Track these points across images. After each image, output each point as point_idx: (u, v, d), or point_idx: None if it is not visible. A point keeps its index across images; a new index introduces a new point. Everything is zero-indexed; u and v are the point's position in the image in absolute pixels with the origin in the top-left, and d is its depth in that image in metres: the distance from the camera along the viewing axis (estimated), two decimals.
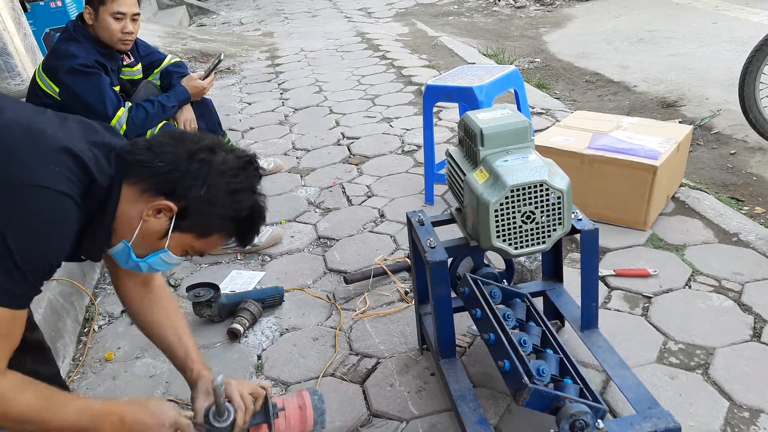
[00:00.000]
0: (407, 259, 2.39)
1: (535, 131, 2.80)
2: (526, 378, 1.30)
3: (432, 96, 2.72)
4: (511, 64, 4.95)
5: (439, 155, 2.97)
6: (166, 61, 2.87)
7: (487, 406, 1.69)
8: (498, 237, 1.44)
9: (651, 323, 1.96)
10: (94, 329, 2.26)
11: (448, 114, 3.98)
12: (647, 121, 2.92)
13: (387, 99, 4.51)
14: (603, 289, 2.12)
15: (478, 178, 1.47)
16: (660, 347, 1.85)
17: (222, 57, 3.08)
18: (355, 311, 2.18)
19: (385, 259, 2.44)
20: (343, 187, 3.18)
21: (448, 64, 5.12)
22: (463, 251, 1.70)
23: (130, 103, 2.55)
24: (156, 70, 2.84)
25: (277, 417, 1.41)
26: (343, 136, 3.88)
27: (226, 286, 2.39)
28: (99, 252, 1.26)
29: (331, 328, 2.13)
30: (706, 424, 1.57)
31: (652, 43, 5.60)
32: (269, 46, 6.71)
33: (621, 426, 1.34)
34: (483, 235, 1.45)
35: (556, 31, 6.58)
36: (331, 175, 3.34)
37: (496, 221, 1.42)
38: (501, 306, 1.61)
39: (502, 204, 1.40)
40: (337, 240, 2.69)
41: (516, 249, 1.46)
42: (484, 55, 5.53)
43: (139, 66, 2.77)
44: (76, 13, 3.81)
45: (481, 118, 1.54)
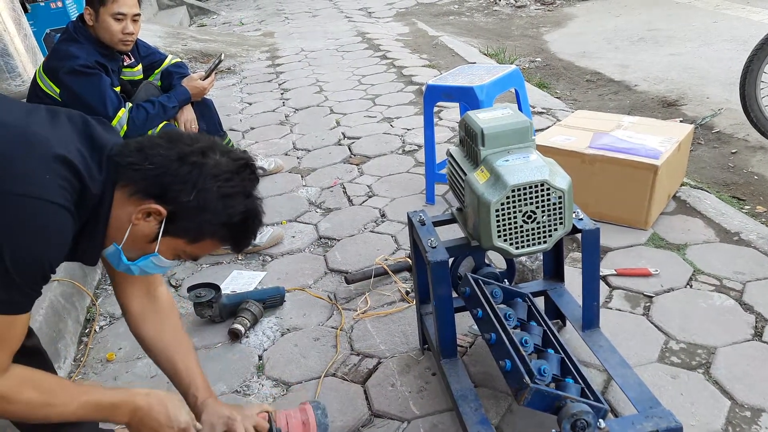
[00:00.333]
0: (408, 259, 2.39)
1: (536, 131, 2.80)
2: (527, 378, 1.30)
3: (433, 96, 2.72)
4: (511, 63, 4.95)
5: (440, 155, 2.97)
6: (167, 62, 2.87)
7: (489, 406, 1.69)
8: (499, 237, 1.44)
9: (652, 323, 1.95)
10: (95, 330, 2.26)
11: (449, 114, 3.98)
12: (648, 120, 2.92)
13: (387, 99, 4.50)
14: (604, 289, 2.12)
15: (479, 178, 1.47)
16: (661, 347, 1.85)
17: (222, 57, 3.08)
18: (356, 311, 2.18)
19: (386, 259, 2.44)
20: (343, 187, 3.18)
21: (448, 64, 5.12)
22: (464, 251, 1.70)
23: (131, 104, 2.55)
24: (156, 71, 2.85)
25: None
26: (344, 136, 3.88)
27: (227, 286, 2.39)
28: (94, 256, 1.25)
29: (332, 328, 2.13)
30: (708, 424, 1.57)
31: (653, 42, 5.60)
32: (270, 47, 6.72)
33: (622, 425, 1.34)
34: (484, 235, 1.45)
35: (556, 30, 6.58)
36: (331, 175, 3.34)
37: (497, 221, 1.42)
38: (502, 306, 1.61)
39: (503, 204, 1.40)
40: (338, 240, 2.69)
41: (517, 249, 1.46)
42: (485, 54, 5.53)
43: (139, 67, 2.77)
44: (77, 14, 3.82)
45: (481, 117, 1.54)
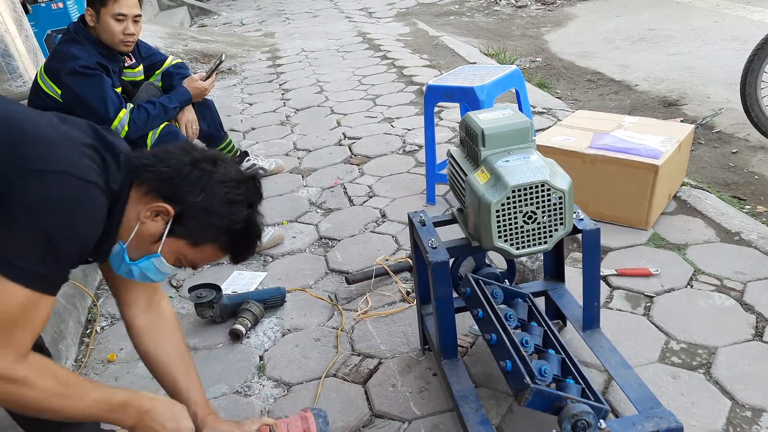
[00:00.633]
0: (409, 260, 2.39)
1: (537, 131, 2.80)
2: (527, 378, 1.30)
3: (433, 96, 2.72)
4: (512, 63, 4.95)
5: (441, 155, 2.98)
6: (168, 63, 2.88)
7: (489, 406, 1.69)
8: (499, 237, 1.44)
9: (653, 323, 1.95)
10: (97, 331, 2.26)
11: (450, 114, 3.98)
12: (649, 120, 2.92)
13: (388, 99, 4.51)
14: (605, 289, 2.12)
15: (479, 179, 1.47)
16: (662, 347, 1.85)
17: (223, 58, 3.09)
18: (357, 312, 2.19)
19: (386, 260, 2.44)
20: (344, 188, 3.18)
21: (449, 64, 5.12)
22: (464, 251, 1.70)
23: (132, 105, 2.56)
24: (157, 72, 2.85)
25: None
26: (345, 137, 3.88)
27: (228, 286, 2.39)
28: (105, 252, 1.27)
29: (333, 328, 2.13)
30: (709, 424, 1.57)
31: (654, 42, 5.60)
32: (270, 47, 6.72)
33: (623, 426, 1.34)
34: (484, 236, 1.45)
35: (557, 30, 6.58)
36: (332, 176, 3.34)
37: (498, 221, 1.42)
38: (503, 306, 1.61)
39: (503, 204, 1.40)
40: (338, 240, 2.69)
41: (518, 249, 1.46)
42: (485, 54, 5.53)
43: (140, 67, 2.78)
44: (78, 15, 3.82)
45: (482, 118, 1.54)
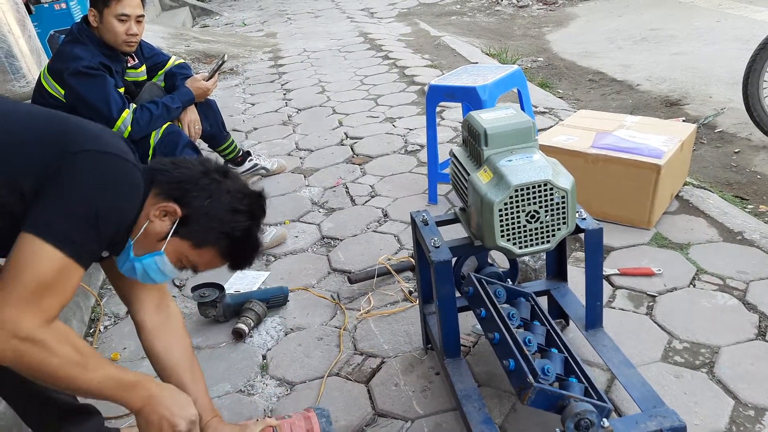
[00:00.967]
0: (411, 259, 2.40)
1: (539, 130, 2.80)
2: (531, 377, 1.30)
3: (435, 96, 2.72)
4: (513, 63, 4.95)
5: (443, 155, 2.98)
6: (170, 63, 2.88)
7: (492, 405, 1.69)
8: (502, 236, 1.44)
9: (656, 322, 1.96)
10: (100, 330, 2.27)
11: (451, 114, 3.99)
12: (651, 119, 2.92)
13: (390, 99, 4.51)
14: (607, 288, 2.12)
15: (482, 178, 1.47)
16: (665, 346, 1.85)
17: (225, 58, 3.09)
18: (360, 311, 2.19)
19: (389, 259, 2.44)
20: (346, 187, 3.19)
21: (450, 64, 5.13)
22: (467, 251, 1.70)
23: (135, 105, 2.56)
24: (160, 72, 2.86)
25: None
26: (347, 136, 3.88)
27: (230, 286, 2.40)
28: (122, 245, 1.30)
29: (336, 327, 2.13)
30: (712, 423, 1.57)
31: (656, 41, 5.59)
32: (272, 47, 6.73)
33: (626, 425, 1.34)
34: (487, 235, 1.45)
35: (558, 30, 6.58)
36: (334, 175, 3.34)
37: (501, 221, 1.42)
38: (505, 305, 1.61)
39: (506, 203, 1.40)
40: (341, 240, 2.69)
41: (520, 248, 1.46)
42: (487, 54, 5.53)
43: (143, 68, 2.78)
44: (80, 16, 3.82)
45: (484, 117, 1.54)
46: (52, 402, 1.47)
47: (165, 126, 2.63)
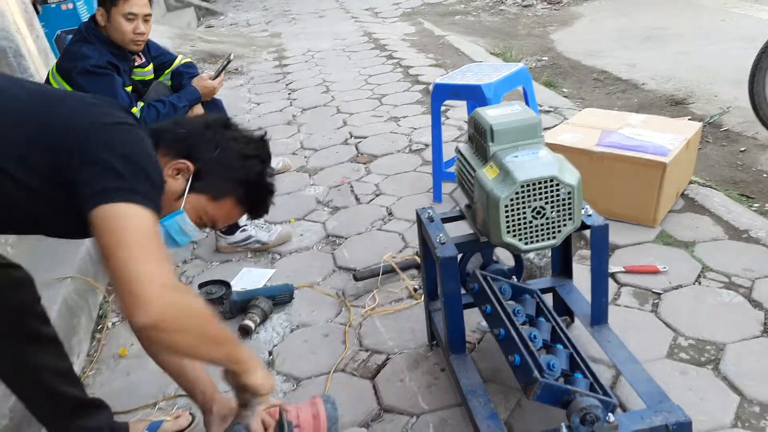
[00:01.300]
0: (416, 257, 2.40)
1: (544, 129, 2.79)
2: (536, 372, 1.31)
3: (440, 94, 2.73)
4: (518, 62, 4.94)
5: (447, 154, 2.98)
6: (177, 62, 2.89)
7: (498, 401, 1.70)
8: (508, 232, 1.45)
9: (661, 319, 1.96)
10: (108, 326, 2.29)
11: (456, 113, 3.99)
12: (656, 118, 2.92)
13: (394, 98, 4.52)
14: (612, 286, 2.12)
15: (488, 174, 1.48)
16: (670, 343, 1.85)
17: (231, 57, 3.10)
18: (365, 308, 2.20)
19: (393, 257, 2.45)
20: (351, 186, 3.20)
21: (455, 63, 5.13)
22: (472, 247, 1.71)
23: (142, 103, 2.57)
24: (167, 71, 2.87)
25: None
26: (351, 136, 3.89)
27: (237, 283, 2.41)
28: None
29: (341, 324, 2.14)
30: (717, 419, 1.58)
31: (660, 40, 5.58)
32: (277, 47, 6.74)
33: (631, 419, 1.35)
34: (493, 231, 1.46)
35: (563, 29, 6.57)
36: (339, 174, 3.35)
37: (507, 217, 1.43)
38: (511, 302, 1.61)
39: (512, 199, 1.41)
40: (345, 238, 2.70)
41: (526, 244, 1.47)
42: (492, 54, 5.53)
43: (150, 67, 2.79)
44: (87, 16, 3.83)
45: (491, 114, 1.55)
46: (62, 396, 1.48)
47: None
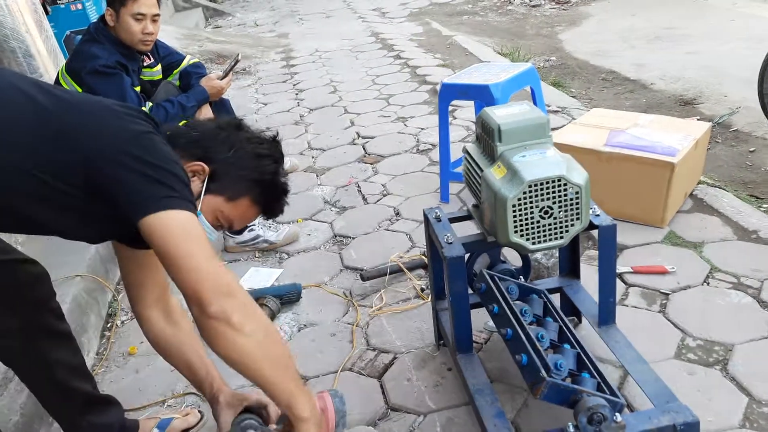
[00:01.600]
0: (423, 257, 2.41)
1: (552, 129, 2.79)
2: (543, 372, 1.31)
3: (447, 94, 2.73)
4: (526, 62, 4.94)
5: (455, 154, 2.98)
6: (185, 62, 2.91)
7: (505, 400, 1.70)
8: (516, 232, 1.45)
9: (669, 320, 1.95)
10: (117, 324, 2.30)
11: (463, 113, 3.99)
12: (665, 118, 2.91)
13: (401, 98, 4.52)
14: (620, 286, 2.12)
15: (495, 174, 1.48)
16: (678, 343, 1.85)
17: (239, 58, 3.11)
18: (372, 308, 2.20)
19: (400, 257, 2.45)
20: (358, 186, 3.20)
21: (462, 63, 5.12)
22: (480, 247, 1.71)
23: (151, 103, 2.59)
24: (175, 71, 2.88)
25: None
26: (358, 136, 3.90)
27: (245, 282, 2.42)
28: None
29: (348, 324, 2.15)
30: (725, 420, 1.57)
31: (669, 40, 5.56)
32: (284, 47, 6.76)
33: (639, 419, 1.35)
34: (501, 231, 1.46)
35: (571, 29, 6.56)
36: (346, 174, 3.36)
37: (514, 216, 1.43)
38: (518, 302, 1.61)
39: (519, 199, 1.41)
40: (353, 238, 2.71)
41: (534, 244, 1.47)
42: (499, 54, 5.52)
43: (158, 67, 2.81)
44: (96, 16, 3.86)
45: (498, 113, 1.55)
46: (75, 392, 1.50)
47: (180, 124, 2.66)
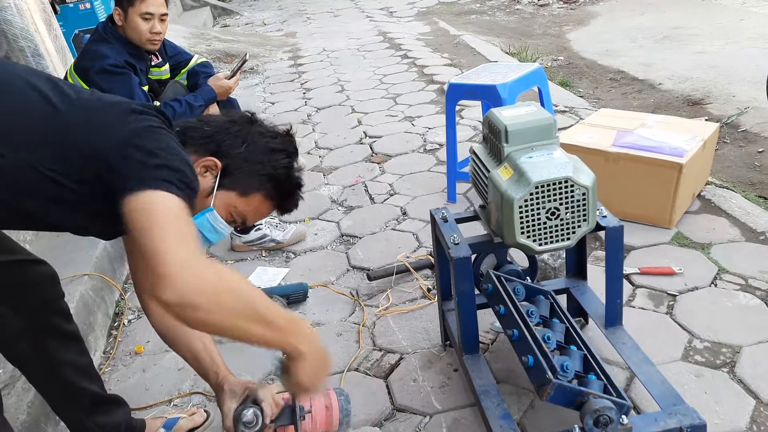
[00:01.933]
0: (429, 257, 2.41)
1: (559, 129, 2.78)
2: (549, 373, 1.31)
3: (455, 94, 2.72)
4: (534, 62, 4.92)
5: (462, 154, 2.98)
6: (193, 62, 2.92)
7: (511, 402, 1.70)
8: (522, 233, 1.44)
9: (676, 321, 1.94)
10: (124, 323, 2.31)
11: (471, 113, 3.98)
12: (673, 118, 2.90)
13: (409, 98, 4.52)
14: (627, 287, 2.11)
15: (502, 175, 1.48)
16: (685, 345, 1.84)
17: (247, 57, 3.12)
18: (378, 308, 2.20)
19: (407, 257, 2.45)
20: (365, 186, 3.21)
21: (470, 63, 5.12)
22: (486, 248, 1.71)
23: (159, 103, 2.60)
24: (183, 70, 2.89)
25: (303, 419, 1.43)
26: (366, 135, 3.90)
27: (251, 282, 2.43)
28: None
29: (355, 324, 2.15)
30: (732, 422, 1.56)
31: (678, 40, 5.53)
32: (292, 46, 6.77)
33: (646, 422, 1.34)
34: (507, 232, 1.46)
35: (579, 28, 6.53)
36: (353, 174, 3.36)
37: (521, 217, 1.42)
38: (524, 303, 1.61)
39: (526, 200, 1.41)
40: (360, 237, 2.71)
41: (540, 245, 1.46)
42: (507, 53, 5.51)
43: (166, 66, 2.82)
44: (104, 15, 3.87)
45: (505, 114, 1.55)
46: (82, 392, 1.51)
47: None
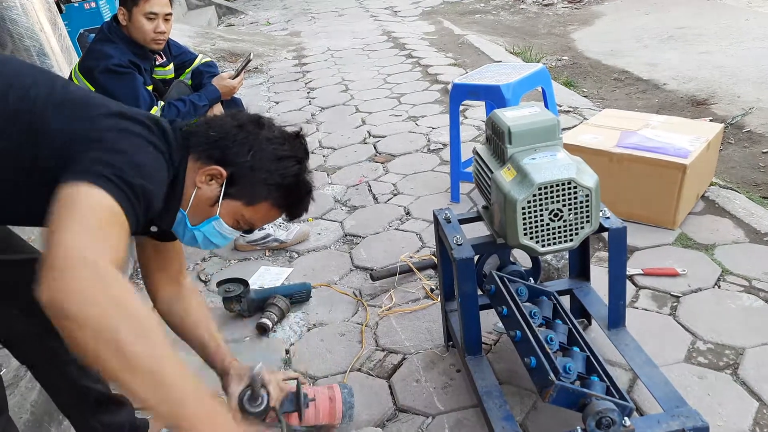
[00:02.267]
0: (433, 257, 2.41)
1: (563, 129, 2.78)
2: (552, 375, 1.31)
3: (458, 94, 2.72)
4: (538, 62, 4.92)
5: (465, 154, 2.98)
6: (197, 61, 2.92)
7: (513, 403, 1.70)
8: (525, 234, 1.44)
9: (679, 323, 1.94)
10: None
11: (474, 113, 3.98)
12: (677, 119, 2.89)
13: (413, 98, 4.52)
14: (630, 288, 2.11)
15: (505, 176, 1.48)
16: (688, 347, 1.84)
17: (251, 56, 3.12)
18: (381, 308, 2.21)
19: (410, 257, 2.46)
20: (369, 185, 3.21)
21: (474, 63, 5.11)
22: (489, 248, 1.71)
23: (163, 102, 2.61)
24: (187, 70, 2.90)
25: (307, 407, 1.44)
26: (369, 135, 3.90)
27: (255, 281, 2.43)
28: (171, 221, 1.29)
29: (358, 324, 2.15)
30: (735, 424, 1.56)
31: (682, 40, 5.51)
32: (296, 46, 6.78)
33: (648, 424, 1.34)
34: (510, 233, 1.46)
35: (583, 28, 6.52)
36: (357, 173, 3.37)
37: (524, 219, 1.42)
38: (527, 304, 1.61)
39: (529, 202, 1.41)
40: (363, 237, 2.71)
41: (543, 246, 1.46)
42: (511, 53, 5.50)
43: (171, 66, 2.83)
44: (109, 15, 3.88)
45: (509, 115, 1.55)
46: (87, 392, 1.51)
47: None
